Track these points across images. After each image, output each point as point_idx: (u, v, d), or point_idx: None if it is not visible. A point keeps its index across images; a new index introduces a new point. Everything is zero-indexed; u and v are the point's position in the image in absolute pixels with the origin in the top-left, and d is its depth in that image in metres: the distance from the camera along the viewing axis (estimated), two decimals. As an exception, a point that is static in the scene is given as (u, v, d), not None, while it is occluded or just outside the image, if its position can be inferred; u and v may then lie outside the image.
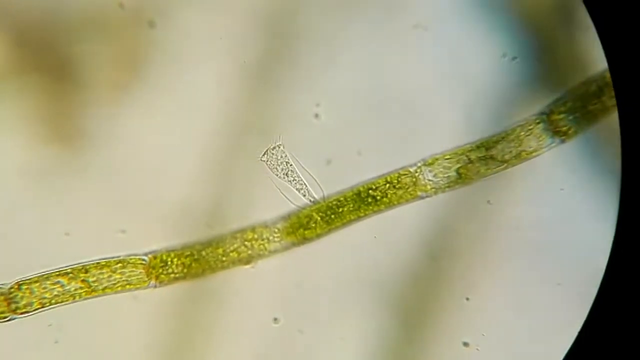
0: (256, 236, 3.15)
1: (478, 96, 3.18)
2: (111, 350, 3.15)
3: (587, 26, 3.12)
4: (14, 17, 3.12)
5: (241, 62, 3.15)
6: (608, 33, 2.98)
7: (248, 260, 3.15)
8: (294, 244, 3.16)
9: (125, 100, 3.17)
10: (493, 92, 3.17)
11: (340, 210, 3.16)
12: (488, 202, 3.18)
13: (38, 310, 3.09)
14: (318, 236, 3.16)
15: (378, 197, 3.16)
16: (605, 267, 2.98)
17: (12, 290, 3.09)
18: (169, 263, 3.13)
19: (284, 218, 3.17)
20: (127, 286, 3.12)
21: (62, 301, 3.10)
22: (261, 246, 3.15)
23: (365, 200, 3.16)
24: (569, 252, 3.17)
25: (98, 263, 3.11)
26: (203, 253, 3.14)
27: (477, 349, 3.16)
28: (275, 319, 3.17)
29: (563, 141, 3.15)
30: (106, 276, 3.11)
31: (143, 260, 3.13)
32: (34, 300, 3.08)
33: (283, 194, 3.16)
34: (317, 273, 3.18)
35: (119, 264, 3.11)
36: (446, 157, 3.17)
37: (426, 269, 3.18)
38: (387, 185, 3.16)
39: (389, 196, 3.16)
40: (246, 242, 3.14)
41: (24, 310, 3.09)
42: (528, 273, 3.17)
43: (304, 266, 3.17)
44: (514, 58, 3.17)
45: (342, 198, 3.16)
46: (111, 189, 3.15)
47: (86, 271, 3.10)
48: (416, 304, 3.18)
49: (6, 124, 3.13)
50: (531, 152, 3.15)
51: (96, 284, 3.11)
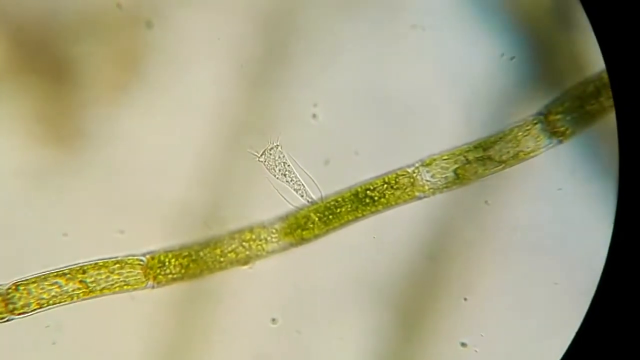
0: (254, 237, 3.14)
1: (476, 96, 3.18)
2: (109, 351, 3.14)
3: (585, 26, 3.12)
4: (12, 18, 3.11)
5: (239, 66, 3.14)
6: (605, 33, 2.99)
7: (246, 260, 3.15)
8: (292, 245, 3.16)
9: (122, 100, 3.16)
10: (491, 92, 3.17)
11: (338, 210, 3.16)
12: (486, 203, 3.18)
13: (36, 311, 3.09)
14: (316, 237, 3.16)
15: (376, 198, 3.16)
16: (602, 267, 2.99)
17: (10, 291, 3.08)
18: (167, 264, 3.13)
19: (282, 218, 3.16)
20: (125, 287, 3.12)
21: (60, 302, 3.09)
22: (259, 247, 3.14)
23: (363, 200, 3.16)
24: (567, 252, 3.17)
25: (96, 264, 3.11)
26: (201, 254, 3.14)
27: (475, 350, 3.16)
28: (273, 320, 3.16)
29: (560, 142, 3.15)
30: (104, 277, 3.10)
31: (141, 260, 3.13)
32: (32, 301, 3.08)
33: (281, 195, 3.16)
34: (315, 273, 3.17)
35: (117, 265, 3.11)
36: (444, 158, 3.17)
37: (424, 270, 3.18)
38: (385, 185, 3.16)
39: (387, 197, 3.16)
40: (244, 243, 3.14)
41: (22, 311, 3.08)
42: (526, 273, 3.17)
43: (302, 267, 3.17)
44: (512, 58, 3.17)
45: (340, 198, 3.16)
46: (109, 190, 3.15)
47: (84, 272, 3.10)
48: (414, 305, 3.18)
49: (4, 124, 3.12)
50: (529, 153, 3.16)
51: (94, 285, 3.10)
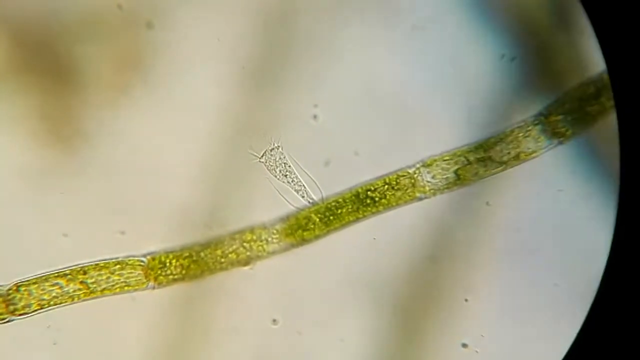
0: (255, 237, 3.14)
1: (476, 97, 3.18)
2: (110, 351, 3.14)
3: (585, 28, 3.12)
4: (13, 18, 3.11)
5: (241, 67, 3.14)
6: (606, 35, 2.99)
7: (247, 261, 3.15)
8: (293, 246, 3.15)
9: (123, 101, 3.16)
10: (491, 94, 3.17)
11: (338, 211, 3.16)
12: (487, 204, 3.18)
13: (36, 311, 3.08)
14: (317, 237, 3.16)
15: (376, 199, 3.16)
16: (603, 268, 2.99)
17: (11, 291, 3.08)
18: (168, 264, 3.13)
19: (283, 219, 3.16)
20: (126, 288, 3.12)
21: (61, 303, 3.09)
22: (260, 247, 3.14)
23: (363, 201, 3.16)
24: (568, 253, 3.17)
25: (97, 264, 3.10)
26: (202, 254, 3.14)
27: (476, 351, 3.16)
28: (274, 320, 3.16)
29: (561, 142, 3.16)
30: (105, 277, 3.10)
31: (142, 261, 3.13)
32: (33, 301, 3.08)
33: (281, 195, 3.16)
34: (316, 274, 3.17)
35: (118, 266, 3.11)
36: (444, 159, 3.17)
37: (425, 271, 3.18)
38: (386, 186, 3.16)
39: (388, 197, 3.16)
40: (245, 244, 3.14)
41: (23, 311, 3.08)
42: (527, 274, 3.17)
43: (303, 267, 3.17)
44: (513, 59, 3.17)
45: (341, 199, 3.16)
46: (110, 190, 3.14)
47: (85, 272, 3.10)
48: (415, 306, 3.18)
49: (5, 125, 3.12)
50: (529, 154, 3.16)
51: (95, 286, 3.10)
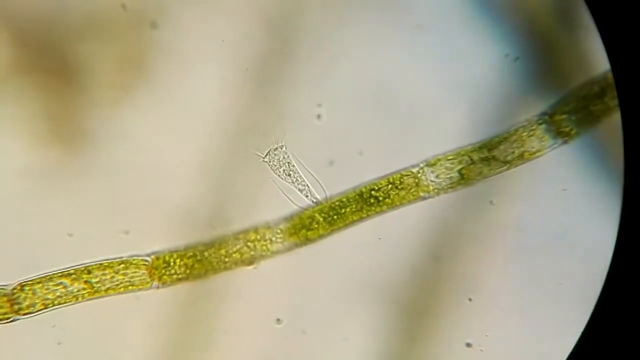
0: (259, 237, 3.14)
1: (480, 97, 3.18)
2: (114, 351, 3.14)
3: (589, 27, 3.12)
4: (16, 18, 3.12)
5: (244, 69, 3.15)
6: (610, 34, 2.99)
7: (251, 261, 3.15)
8: (297, 245, 3.16)
9: (127, 101, 3.16)
10: (495, 93, 3.17)
11: (342, 211, 3.16)
12: (491, 203, 3.18)
13: (41, 311, 3.09)
14: (320, 237, 3.16)
15: (380, 198, 3.16)
16: (608, 267, 2.98)
17: (15, 291, 3.08)
18: (172, 264, 3.13)
19: (287, 219, 3.16)
20: (130, 287, 3.12)
21: (65, 302, 3.09)
22: (264, 247, 3.14)
23: (367, 201, 3.16)
24: (572, 253, 3.17)
25: (101, 264, 3.11)
26: (206, 254, 3.14)
27: (481, 350, 3.16)
28: (278, 320, 3.16)
29: (565, 142, 3.15)
30: (109, 277, 3.10)
31: (146, 261, 3.13)
32: (37, 301, 3.08)
33: (285, 195, 3.16)
34: (320, 274, 3.17)
35: (122, 265, 3.11)
36: (448, 158, 3.17)
37: (429, 270, 3.18)
38: (390, 186, 3.16)
39: (392, 197, 3.16)
40: (249, 243, 3.14)
41: (27, 311, 3.08)
42: (531, 273, 3.17)
43: (307, 267, 3.17)
44: (517, 59, 3.17)
45: (345, 199, 3.16)
46: (114, 190, 3.15)
47: (89, 272, 3.10)
48: (419, 305, 3.18)
49: (8, 125, 3.13)
50: (534, 153, 3.16)
51: (99, 285, 3.10)
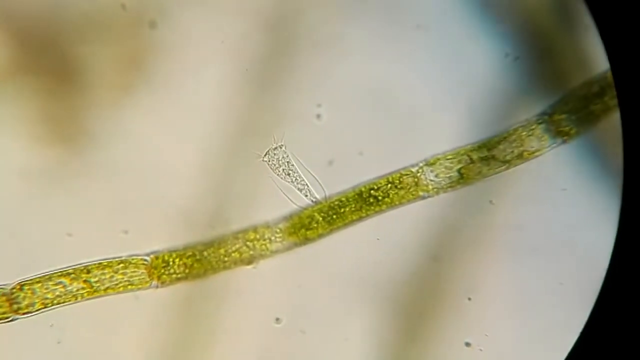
0: (258, 236, 3.15)
1: (480, 96, 3.18)
2: (113, 350, 3.14)
3: (589, 26, 3.12)
4: (16, 18, 3.12)
5: (244, 70, 3.15)
6: (609, 33, 2.98)
7: (250, 260, 3.15)
8: (296, 244, 3.16)
9: (126, 100, 3.17)
10: (495, 92, 3.17)
11: (342, 210, 3.16)
12: (490, 202, 3.17)
13: (40, 310, 3.09)
14: (320, 236, 3.16)
15: (380, 197, 3.16)
16: (607, 267, 2.98)
17: (14, 290, 3.09)
18: (171, 263, 3.13)
19: (286, 218, 3.16)
20: (129, 287, 3.12)
21: (65, 302, 3.09)
22: (263, 246, 3.14)
23: (367, 200, 3.16)
24: (571, 252, 3.17)
25: (100, 263, 3.11)
26: (205, 253, 3.14)
27: (480, 349, 3.16)
28: (277, 319, 3.16)
29: (565, 141, 3.15)
30: (108, 277, 3.11)
31: (145, 260, 3.13)
32: (36, 300, 3.08)
33: (285, 195, 3.16)
34: (319, 273, 3.17)
35: (121, 265, 3.11)
36: (448, 157, 3.17)
37: (428, 269, 3.18)
38: (389, 185, 3.16)
39: (391, 196, 3.16)
40: (248, 243, 3.14)
41: (26, 310, 3.09)
42: (530, 273, 3.17)
43: (306, 266, 3.17)
44: (516, 58, 3.17)
45: (344, 198, 3.16)
46: (113, 190, 3.15)
47: (88, 272, 3.10)
48: (418, 304, 3.18)
49: (8, 125, 3.13)
50: (533, 152, 3.15)
51: (98, 285, 3.10)
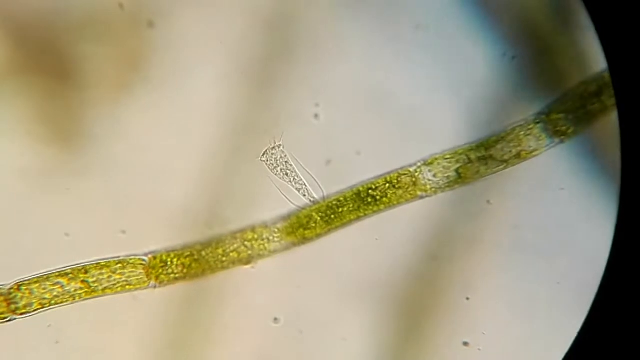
0: (256, 236, 3.14)
1: (477, 96, 3.18)
2: (111, 350, 3.14)
3: (586, 26, 3.12)
4: (14, 18, 3.12)
5: (240, 72, 3.15)
6: (607, 33, 2.99)
7: (248, 260, 3.15)
8: (294, 244, 3.16)
9: (124, 100, 3.16)
10: (493, 92, 3.17)
11: (340, 210, 3.16)
12: (488, 202, 3.18)
13: (38, 310, 3.09)
14: (318, 236, 3.16)
15: (378, 197, 3.16)
16: (605, 266, 2.99)
17: (12, 290, 3.08)
18: (169, 263, 3.13)
19: (284, 218, 3.16)
20: (127, 287, 3.12)
21: (62, 302, 3.09)
22: (261, 246, 3.14)
23: (365, 200, 3.16)
24: (569, 252, 3.17)
25: (98, 263, 3.11)
26: (203, 253, 3.14)
27: (478, 349, 3.16)
28: (275, 319, 3.16)
29: (562, 141, 3.15)
30: (106, 277, 3.10)
31: (143, 260, 3.13)
32: (34, 300, 3.08)
33: (283, 194, 3.16)
34: (318, 273, 3.17)
35: (119, 265, 3.11)
36: (446, 157, 3.17)
37: (426, 269, 3.18)
38: (387, 185, 3.16)
39: (389, 196, 3.16)
40: (246, 242, 3.14)
41: (24, 310, 3.08)
42: (528, 272, 3.17)
43: (304, 266, 3.17)
44: (514, 58, 3.17)
45: (342, 198, 3.16)
46: (111, 190, 3.15)
47: (86, 272, 3.10)
48: (416, 304, 3.18)
49: (6, 125, 3.12)
50: (531, 152, 3.16)
51: (96, 285, 3.10)
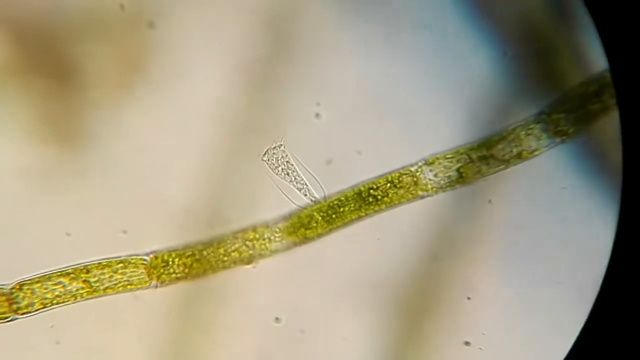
0: (257, 236, 3.15)
1: (478, 95, 3.18)
2: (112, 350, 3.14)
3: (587, 25, 3.12)
4: (15, 18, 3.12)
5: (242, 69, 3.15)
6: (608, 32, 2.99)
7: (249, 260, 3.15)
8: (295, 244, 3.16)
9: (125, 100, 3.16)
10: (493, 91, 3.17)
11: (341, 209, 3.16)
12: (489, 202, 3.18)
13: (39, 310, 3.09)
14: (319, 236, 3.16)
15: (379, 197, 3.16)
16: (606, 266, 2.99)
17: (14, 290, 3.08)
18: (170, 263, 3.13)
19: (285, 218, 3.17)
20: (129, 286, 3.12)
21: (64, 301, 3.09)
22: (262, 246, 3.15)
23: (366, 199, 3.16)
24: (570, 251, 3.17)
25: (99, 263, 3.11)
26: (204, 253, 3.14)
27: (480, 348, 3.16)
28: (276, 319, 3.17)
29: (563, 141, 3.16)
30: (107, 276, 3.11)
31: (144, 260, 3.13)
32: (36, 300, 3.08)
33: (284, 194, 3.16)
34: (319, 273, 3.18)
35: (120, 264, 3.11)
36: (447, 157, 3.17)
37: (427, 269, 3.18)
38: (388, 184, 3.16)
39: (390, 196, 3.16)
40: (247, 242, 3.14)
41: (26, 310, 3.08)
42: (529, 272, 3.17)
43: (306, 266, 3.17)
44: (514, 57, 3.17)
45: (343, 197, 3.16)
46: (112, 189, 3.15)
47: (87, 271, 3.10)
48: (417, 304, 3.18)
49: (7, 125, 3.13)
50: (532, 152, 3.16)
51: (97, 284, 3.10)
